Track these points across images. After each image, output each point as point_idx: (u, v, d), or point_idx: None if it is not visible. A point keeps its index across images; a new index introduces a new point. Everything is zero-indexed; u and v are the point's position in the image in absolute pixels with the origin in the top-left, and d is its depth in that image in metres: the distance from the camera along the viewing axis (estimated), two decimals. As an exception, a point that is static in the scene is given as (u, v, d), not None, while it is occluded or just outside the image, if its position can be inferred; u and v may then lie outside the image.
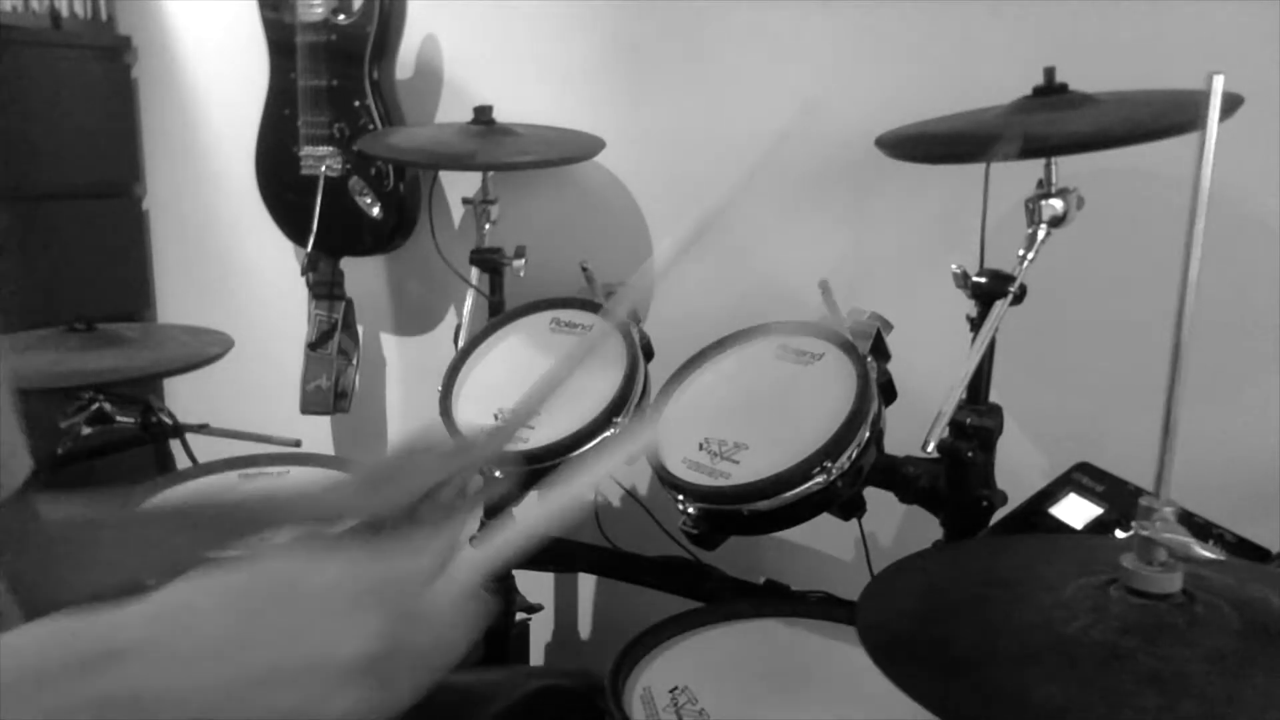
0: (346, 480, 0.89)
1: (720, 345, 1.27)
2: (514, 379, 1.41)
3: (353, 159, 1.86)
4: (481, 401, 1.38)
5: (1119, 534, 1.02)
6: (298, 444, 1.70)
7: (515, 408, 0.93)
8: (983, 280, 1.10)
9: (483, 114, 1.58)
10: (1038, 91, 1.09)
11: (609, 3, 1.67)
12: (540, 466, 1.28)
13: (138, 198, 2.47)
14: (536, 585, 1.74)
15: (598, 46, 1.70)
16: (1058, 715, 0.58)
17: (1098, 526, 1.04)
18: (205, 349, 1.59)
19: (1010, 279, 1.08)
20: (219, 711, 0.46)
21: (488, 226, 1.61)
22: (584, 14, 1.70)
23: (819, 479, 1.05)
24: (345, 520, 0.90)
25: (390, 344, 2.14)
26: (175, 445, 1.67)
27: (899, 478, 1.19)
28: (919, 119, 1.19)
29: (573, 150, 1.59)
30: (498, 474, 0.93)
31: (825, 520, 1.12)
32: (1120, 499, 1.05)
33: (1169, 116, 0.97)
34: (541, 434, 1.29)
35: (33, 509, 0.78)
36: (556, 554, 1.64)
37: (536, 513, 0.59)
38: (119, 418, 1.62)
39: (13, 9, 2.19)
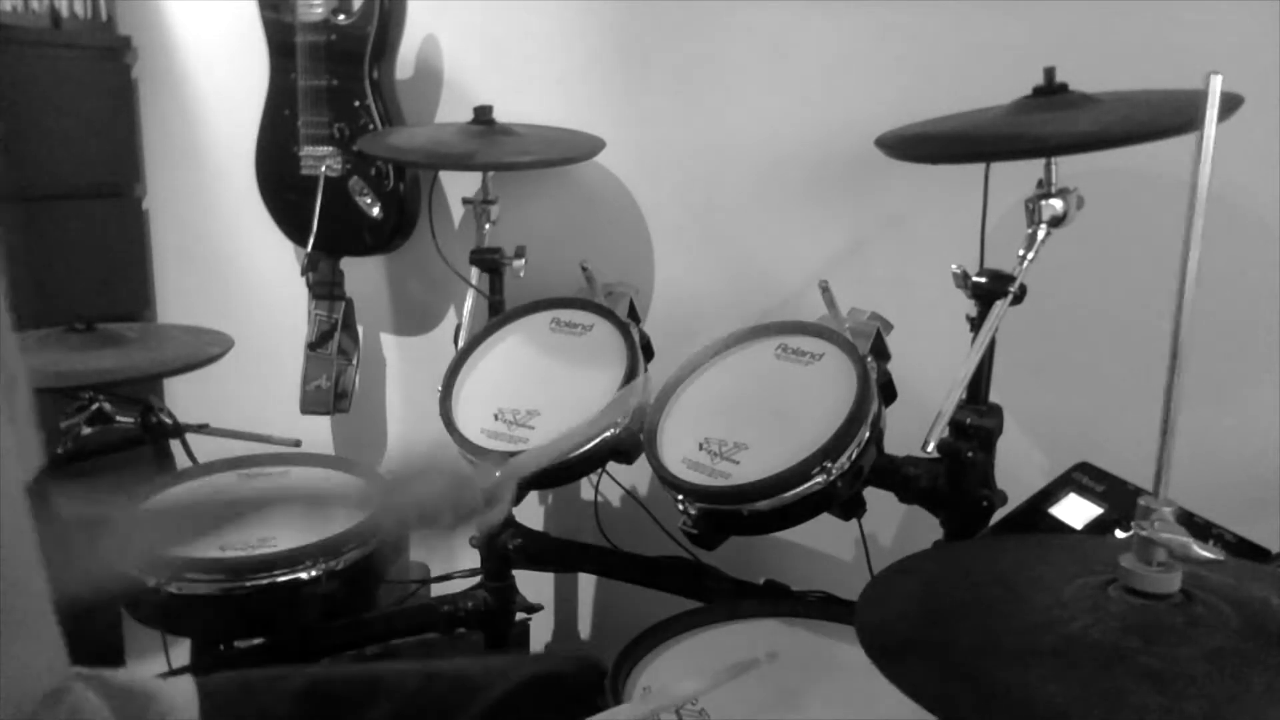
0: (350, 483, 1.01)
1: (720, 345, 1.27)
2: (514, 379, 1.41)
3: (353, 159, 1.86)
4: (481, 401, 1.38)
5: (1119, 534, 1.02)
6: (298, 444, 1.70)
7: (535, 452, 1.04)
8: (983, 280, 1.10)
9: (483, 114, 1.58)
10: (1038, 91, 1.09)
11: (609, 3, 1.67)
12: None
13: (138, 198, 2.47)
14: (536, 585, 1.74)
15: (598, 46, 1.70)
16: (1058, 715, 0.58)
17: (1098, 526, 1.04)
18: (205, 349, 1.59)
19: (1010, 279, 1.08)
20: None
21: (488, 226, 1.61)
22: (584, 14, 1.70)
23: (819, 479, 1.05)
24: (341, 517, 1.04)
25: (390, 344, 2.14)
26: (175, 445, 1.67)
27: (899, 478, 1.19)
28: (919, 119, 1.19)
29: (573, 150, 1.59)
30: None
31: (825, 520, 1.12)
32: (1120, 499, 1.05)
33: (1169, 117, 0.97)
34: (542, 433, 1.29)
35: (47, 501, 0.80)
36: (556, 554, 1.65)
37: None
38: (119, 418, 1.62)
39: (13, 9, 2.19)
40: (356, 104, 1.83)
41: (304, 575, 1.31)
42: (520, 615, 1.64)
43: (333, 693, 0.99)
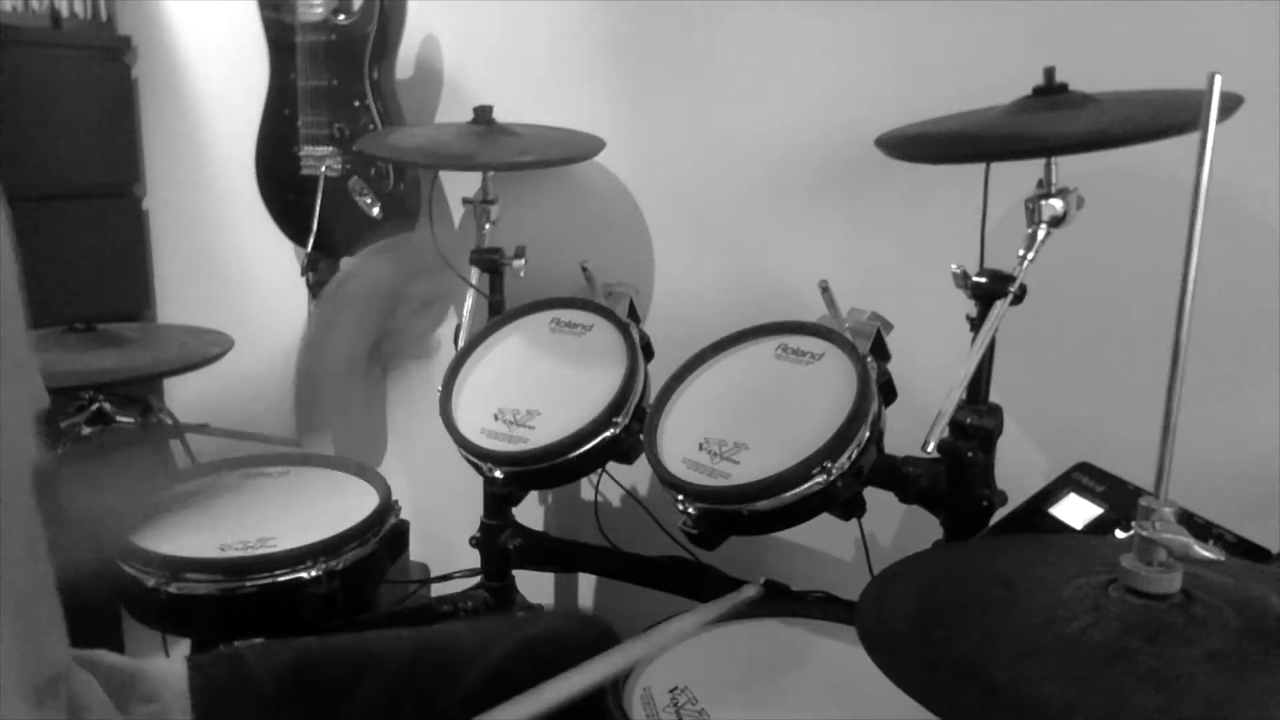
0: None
1: (720, 345, 1.27)
2: (514, 379, 1.41)
3: (353, 159, 1.86)
4: (481, 401, 1.38)
5: (1119, 534, 1.02)
6: (298, 444, 1.70)
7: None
8: (983, 280, 1.10)
9: (483, 114, 1.58)
10: (1038, 91, 1.09)
11: (609, 3, 1.67)
12: (541, 466, 1.28)
13: (138, 198, 2.47)
14: (536, 585, 1.74)
15: (597, 46, 1.70)
16: (1058, 715, 0.58)
17: (1098, 526, 1.03)
18: (205, 349, 1.59)
19: (1010, 279, 1.08)
20: None
21: (488, 226, 1.61)
22: (584, 14, 1.70)
23: (819, 479, 1.05)
24: None
25: (390, 344, 2.14)
26: (175, 445, 1.67)
27: (899, 478, 1.19)
28: (919, 119, 1.19)
29: (573, 150, 1.59)
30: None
31: (825, 520, 1.12)
32: (1120, 499, 1.05)
33: (1169, 116, 0.97)
34: (542, 434, 1.29)
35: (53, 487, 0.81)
36: (556, 554, 1.65)
37: None
38: (119, 418, 1.62)
39: (13, 9, 2.19)
40: (356, 104, 1.83)
41: (304, 575, 1.31)
42: (520, 615, 1.64)
43: (323, 666, 0.99)
